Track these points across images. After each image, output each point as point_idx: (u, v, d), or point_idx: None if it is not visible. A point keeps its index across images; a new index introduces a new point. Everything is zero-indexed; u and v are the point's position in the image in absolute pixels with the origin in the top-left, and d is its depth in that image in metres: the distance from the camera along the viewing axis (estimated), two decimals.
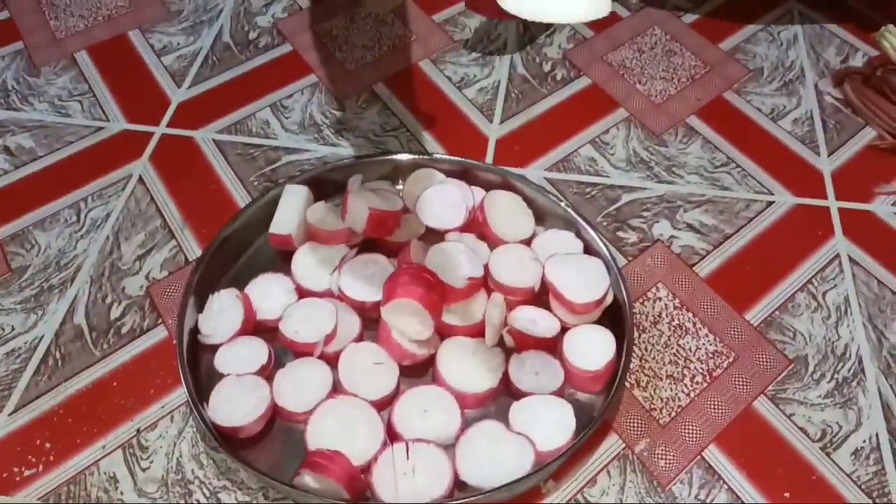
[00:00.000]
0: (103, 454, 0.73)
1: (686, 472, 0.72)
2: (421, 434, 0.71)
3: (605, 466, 0.73)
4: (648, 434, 0.75)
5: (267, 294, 0.80)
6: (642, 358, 0.80)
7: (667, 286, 0.86)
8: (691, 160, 0.98)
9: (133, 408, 0.76)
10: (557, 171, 0.97)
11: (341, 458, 0.67)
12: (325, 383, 0.74)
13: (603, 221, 0.91)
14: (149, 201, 0.93)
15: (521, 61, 1.10)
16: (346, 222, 0.82)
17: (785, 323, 0.83)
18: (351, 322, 0.78)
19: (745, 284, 0.86)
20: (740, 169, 0.97)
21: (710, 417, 0.76)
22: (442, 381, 0.75)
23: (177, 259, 0.88)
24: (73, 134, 1.00)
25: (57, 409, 0.76)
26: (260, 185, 0.94)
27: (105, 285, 0.85)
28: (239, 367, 0.75)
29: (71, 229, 0.90)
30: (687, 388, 0.78)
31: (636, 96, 1.06)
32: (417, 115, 1.03)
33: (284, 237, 0.83)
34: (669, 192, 0.94)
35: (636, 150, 0.99)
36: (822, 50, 1.12)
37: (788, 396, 0.77)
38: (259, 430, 0.73)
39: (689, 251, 0.89)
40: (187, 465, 0.73)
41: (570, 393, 0.77)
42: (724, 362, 0.80)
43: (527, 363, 0.76)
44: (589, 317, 0.79)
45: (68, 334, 0.81)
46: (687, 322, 0.83)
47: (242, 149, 0.98)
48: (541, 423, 0.72)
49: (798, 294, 0.85)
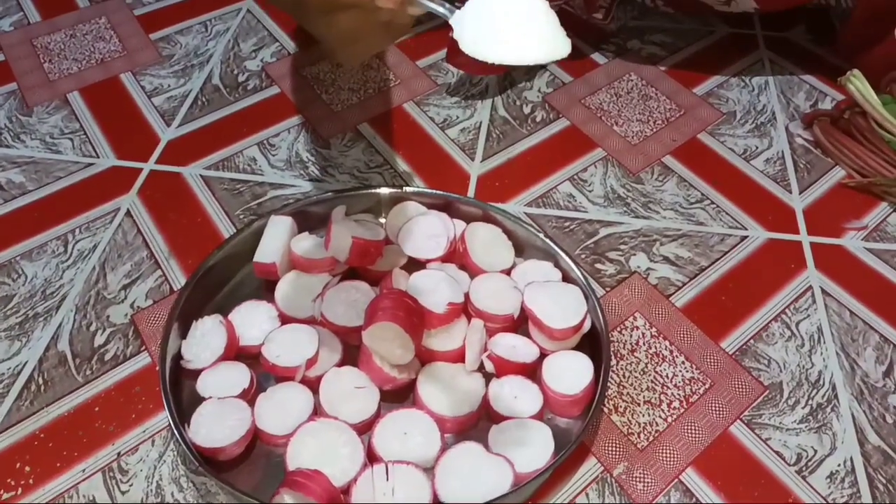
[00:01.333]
0: (83, 477, 0.73)
1: (664, 494, 0.73)
2: (401, 456, 0.71)
3: (584, 489, 0.73)
4: (626, 457, 0.75)
5: (250, 320, 0.81)
6: (620, 384, 0.81)
7: (644, 315, 0.87)
8: (667, 197, 1.01)
9: (114, 432, 0.76)
10: (537, 206, 0.99)
11: (321, 476, 0.67)
12: (306, 407, 0.75)
13: (581, 254, 0.93)
14: (136, 233, 0.94)
15: (503, 103, 1.13)
16: (329, 251, 0.84)
17: (760, 351, 0.84)
18: (333, 347, 0.79)
19: (721, 314, 0.88)
20: (714, 205, 1.00)
21: (688, 441, 0.77)
22: (422, 405, 0.75)
23: (162, 288, 0.89)
24: (63, 169, 1.02)
25: (38, 434, 0.76)
26: (246, 218, 0.96)
27: (90, 313, 0.86)
28: (220, 390, 0.75)
29: (58, 259, 0.91)
30: (664, 413, 0.79)
31: (613, 137, 1.09)
32: (401, 153, 1.05)
33: (269, 266, 0.84)
34: (646, 227, 0.97)
35: (613, 187, 1.02)
36: (791, 95, 1.16)
37: (764, 421, 0.78)
38: (239, 453, 0.73)
39: (666, 282, 0.91)
40: (167, 488, 0.73)
41: (549, 418, 0.77)
42: (700, 388, 0.81)
43: (506, 387, 0.77)
44: (567, 343, 0.80)
45: (52, 360, 0.82)
46: (664, 350, 0.84)
47: (229, 184, 1.00)
48: (520, 444, 0.72)
49: (772, 323, 0.87)
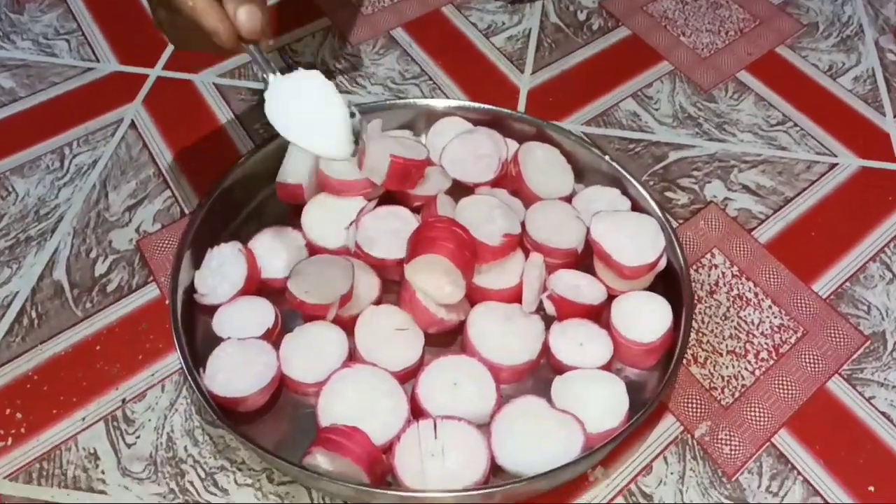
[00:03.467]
0: (83, 427, 0.64)
1: (755, 460, 0.63)
2: (450, 410, 0.61)
3: (662, 452, 0.63)
4: (710, 416, 0.65)
5: (274, 250, 0.71)
6: (699, 331, 0.71)
7: (723, 252, 0.76)
8: (744, 117, 0.89)
9: (118, 375, 0.67)
10: (596, 126, 0.87)
11: (359, 435, 0.57)
12: (339, 351, 0.65)
13: (649, 180, 0.82)
14: (141, 148, 0.83)
15: (554, 9, 1.00)
16: (363, 171, 0.73)
17: (857, 295, 0.73)
18: (369, 282, 0.69)
19: (811, 252, 0.77)
20: (798, 128, 0.88)
21: (780, 399, 0.66)
22: (473, 352, 0.65)
23: (171, 211, 0.78)
24: (59, 75, 0.90)
25: (31, 375, 0.66)
26: (266, 134, 0.84)
27: (90, 238, 0.75)
28: (240, 330, 0.65)
29: (53, 176, 0.80)
30: (751, 366, 0.68)
31: (681, 49, 0.96)
32: (440, 62, 0.93)
33: (294, 188, 0.74)
34: (721, 151, 0.85)
35: (683, 106, 0.90)
36: (880, 5, 1.03)
37: (866, 377, 0.68)
38: (263, 403, 0.63)
39: (747, 214, 0.79)
40: (179, 442, 0.63)
41: (617, 368, 0.67)
42: (791, 337, 0.70)
43: (570, 333, 0.67)
44: (639, 283, 0.70)
45: (46, 291, 0.72)
46: (747, 292, 0.73)
47: (246, 94, 0.89)
48: (589, 401, 0.62)
49: (870, 264, 0.76)
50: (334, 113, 0.60)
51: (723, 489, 0.61)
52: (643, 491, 0.61)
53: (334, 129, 0.60)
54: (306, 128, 0.60)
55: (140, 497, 0.60)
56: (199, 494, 0.60)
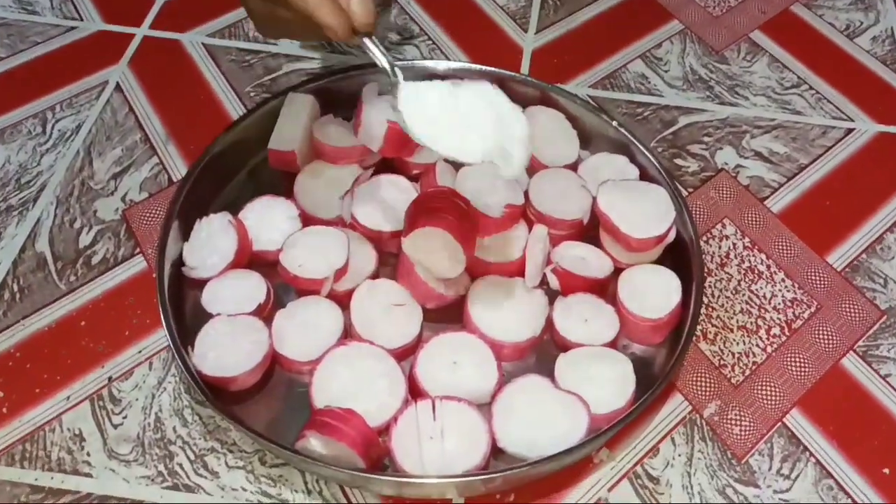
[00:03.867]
0: (67, 406, 0.61)
1: (765, 441, 0.61)
2: (450, 390, 0.59)
3: (669, 433, 0.61)
4: (719, 395, 0.63)
5: (265, 221, 0.68)
6: (709, 305, 0.68)
7: (734, 222, 0.73)
8: (757, 80, 0.85)
9: (104, 352, 0.64)
10: (603, 89, 0.83)
11: (355, 417, 0.55)
12: (334, 327, 0.62)
13: (658, 146, 0.79)
14: (127, 112, 0.79)
15: None
16: (359, 138, 0.70)
17: (874, 268, 0.71)
18: (365, 255, 0.66)
19: (826, 222, 0.74)
20: (814, 91, 0.84)
21: (792, 377, 0.64)
22: (474, 328, 0.62)
23: (158, 179, 0.74)
24: (41, 34, 0.86)
25: (12, 352, 0.64)
26: (258, 97, 0.81)
27: (74, 207, 0.72)
28: (231, 305, 0.63)
29: (35, 142, 0.77)
30: (762, 342, 0.66)
31: (691, 7, 0.92)
32: (440, 21, 0.89)
33: (286, 154, 0.70)
34: (733, 116, 0.81)
35: (693, 67, 0.86)
36: None
37: (883, 354, 0.65)
38: (254, 382, 0.61)
39: (759, 183, 0.76)
40: (168, 422, 0.61)
41: (624, 345, 0.64)
42: (804, 312, 0.68)
43: (574, 308, 0.64)
44: (647, 255, 0.67)
45: (29, 263, 0.69)
46: (759, 265, 0.70)
47: (237, 55, 0.85)
48: (594, 380, 0.60)
49: (887, 235, 0.73)
50: (514, 129, 0.56)
51: (732, 471, 0.59)
52: (650, 474, 0.59)
53: (514, 147, 0.55)
54: (468, 142, 0.56)
55: (127, 480, 0.58)
56: (188, 477, 0.58)
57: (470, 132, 0.56)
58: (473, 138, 0.56)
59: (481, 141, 0.56)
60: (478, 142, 0.56)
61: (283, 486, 0.58)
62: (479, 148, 0.55)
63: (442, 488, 0.56)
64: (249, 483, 0.58)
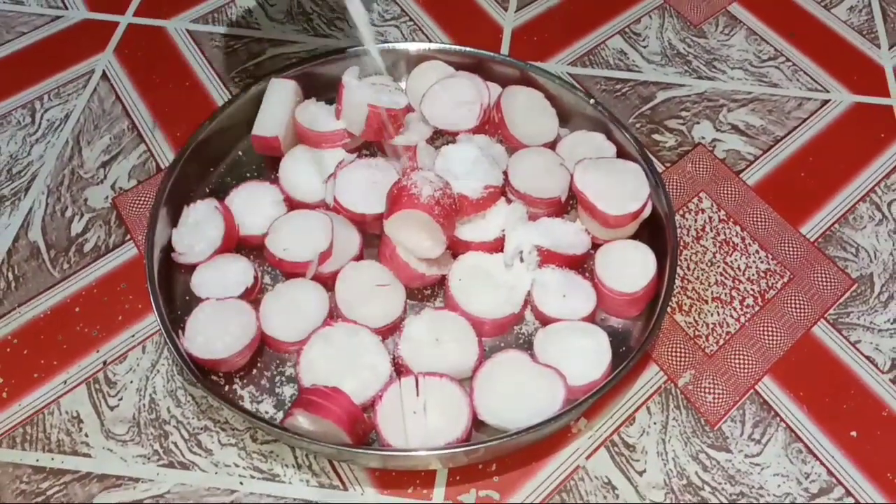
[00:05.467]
0: (65, 390, 0.64)
1: (738, 408, 0.63)
2: (432, 366, 0.61)
3: (645, 402, 0.63)
4: (693, 365, 0.65)
5: (251, 205, 0.70)
6: (684, 278, 0.70)
7: (710, 196, 0.75)
8: (735, 53, 0.86)
9: (98, 337, 0.66)
10: (582, 66, 0.85)
11: (340, 395, 0.57)
12: (320, 308, 0.64)
13: (636, 123, 0.80)
14: (114, 100, 0.81)
15: None
16: (341, 122, 0.71)
17: (846, 237, 0.72)
18: (349, 238, 0.68)
19: (800, 194, 0.75)
20: (790, 63, 0.85)
21: (764, 345, 0.66)
22: (455, 306, 0.64)
23: (147, 166, 0.76)
24: (27, 24, 0.87)
25: (10, 339, 0.66)
26: (241, 82, 0.82)
27: (64, 196, 0.74)
28: (219, 289, 0.65)
29: (24, 132, 0.78)
30: (736, 312, 0.68)
31: None
32: (421, 2, 0.90)
33: (270, 140, 0.72)
34: (711, 90, 0.83)
35: (672, 42, 0.87)
36: None
37: (852, 321, 0.67)
38: (244, 363, 0.63)
39: (735, 156, 0.78)
40: (162, 403, 0.63)
41: (601, 318, 0.66)
42: (777, 282, 0.70)
43: (552, 284, 0.66)
44: (623, 231, 0.68)
45: (22, 252, 0.71)
46: (734, 237, 0.72)
47: (221, 41, 0.86)
48: (572, 353, 0.62)
49: (860, 204, 0.75)
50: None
51: (705, 438, 0.62)
52: (626, 441, 0.61)
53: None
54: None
55: (124, 459, 0.60)
56: (182, 455, 0.60)
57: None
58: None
59: None
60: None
61: (273, 462, 0.60)
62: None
63: (426, 460, 0.59)
64: (241, 459, 0.60)
